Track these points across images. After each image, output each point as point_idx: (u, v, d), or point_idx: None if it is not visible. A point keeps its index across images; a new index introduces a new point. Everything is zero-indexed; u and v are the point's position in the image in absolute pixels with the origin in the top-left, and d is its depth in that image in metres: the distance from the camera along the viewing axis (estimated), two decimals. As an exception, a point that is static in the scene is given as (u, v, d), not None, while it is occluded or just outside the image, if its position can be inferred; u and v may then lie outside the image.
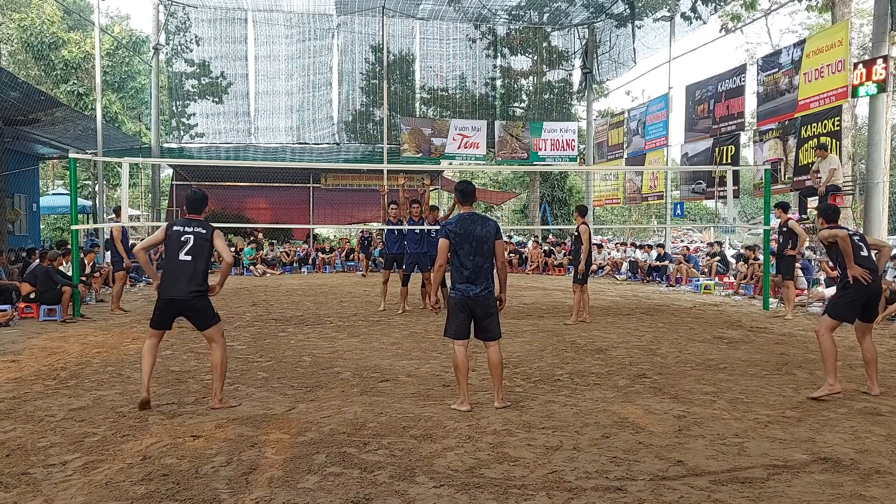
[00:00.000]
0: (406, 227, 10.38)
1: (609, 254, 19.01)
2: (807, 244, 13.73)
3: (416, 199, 10.60)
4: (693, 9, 18.21)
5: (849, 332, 8.53)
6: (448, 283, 5.52)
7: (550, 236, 24.61)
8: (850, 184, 13.16)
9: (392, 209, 10.43)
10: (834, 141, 12.63)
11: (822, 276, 11.91)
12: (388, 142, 20.98)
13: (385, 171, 20.08)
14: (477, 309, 4.82)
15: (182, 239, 4.80)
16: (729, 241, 25.33)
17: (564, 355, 6.89)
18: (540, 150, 22.86)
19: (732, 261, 15.70)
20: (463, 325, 4.86)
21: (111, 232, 10.64)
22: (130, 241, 11.54)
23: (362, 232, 20.12)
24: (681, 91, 18.47)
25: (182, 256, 4.75)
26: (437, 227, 10.61)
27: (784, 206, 10.56)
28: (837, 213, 5.77)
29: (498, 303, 4.93)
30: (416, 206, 10.44)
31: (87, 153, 15.98)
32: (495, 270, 4.94)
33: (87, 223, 20.20)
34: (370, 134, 22.78)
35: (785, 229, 10.21)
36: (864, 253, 5.39)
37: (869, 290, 5.31)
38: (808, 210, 13.23)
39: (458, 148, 22.15)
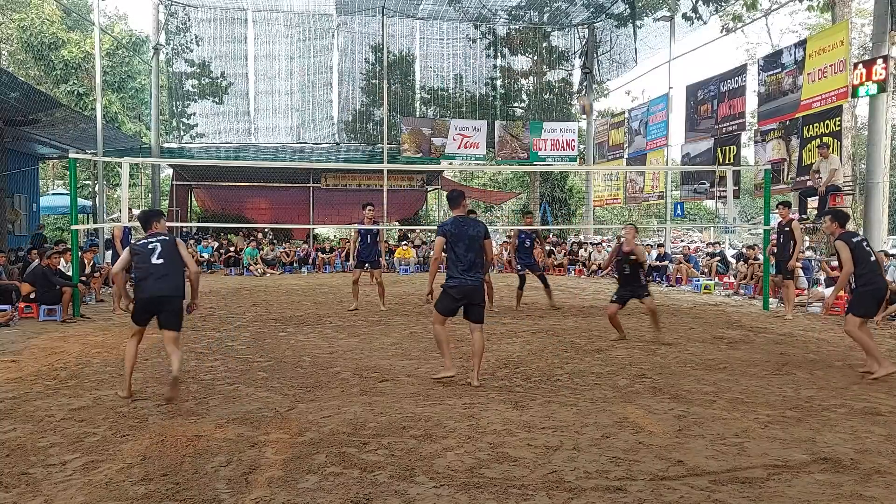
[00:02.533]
0: (372, 228, 10.35)
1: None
2: (806, 244, 13.74)
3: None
4: (694, 9, 18.21)
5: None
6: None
7: (551, 236, 24.60)
8: (850, 184, 13.15)
9: (369, 210, 10.36)
10: (834, 141, 12.63)
11: (822, 276, 11.90)
12: (388, 142, 20.99)
13: (385, 171, 20.10)
14: (473, 296, 5.58)
15: (150, 247, 5.08)
16: (729, 241, 25.34)
17: (564, 355, 6.89)
18: (540, 150, 22.85)
19: (732, 261, 15.70)
20: (453, 308, 5.63)
21: (112, 231, 10.62)
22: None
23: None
24: (681, 91, 18.50)
25: (154, 260, 5.02)
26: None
27: (788, 205, 10.49)
28: (847, 218, 6.25)
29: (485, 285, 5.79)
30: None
31: (87, 153, 15.99)
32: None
33: (87, 223, 20.20)
34: (370, 134, 22.78)
35: (787, 229, 10.11)
36: (873, 258, 5.83)
37: (884, 289, 5.91)
38: (808, 210, 13.23)
39: (458, 148, 22.14)
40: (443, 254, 5.64)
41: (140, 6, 62.25)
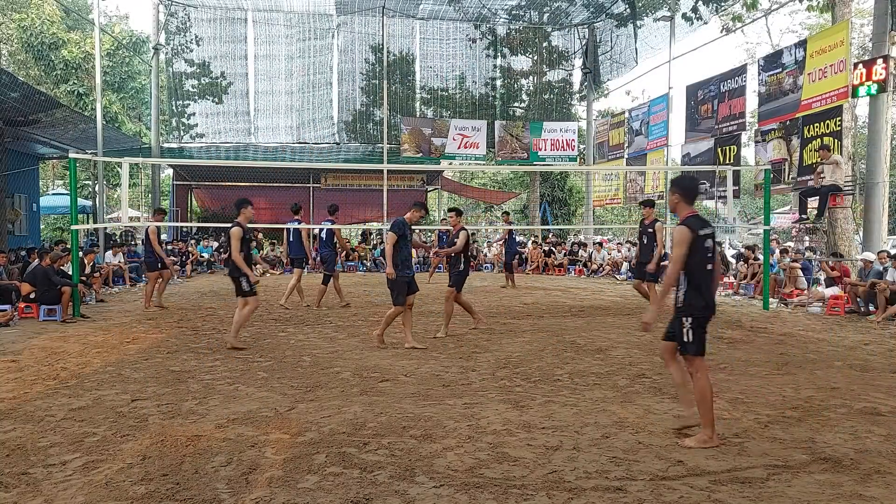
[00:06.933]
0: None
1: (609, 253, 19.00)
2: (806, 243, 13.70)
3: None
4: (694, 9, 18.19)
5: (848, 332, 8.57)
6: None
7: (550, 236, 24.61)
8: (851, 184, 13.15)
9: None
10: (835, 141, 12.63)
11: (822, 276, 11.90)
12: (388, 142, 20.98)
13: (385, 171, 20.10)
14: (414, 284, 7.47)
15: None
16: (729, 241, 25.29)
17: (564, 355, 6.89)
18: (540, 150, 22.85)
19: (732, 261, 15.69)
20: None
21: (146, 232, 10.70)
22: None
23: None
24: (681, 91, 18.49)
25: None
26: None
27: (651, 205, 9.88)
28: None
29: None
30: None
31: (87, 153, 15.98)
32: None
33: (87, 223, 20.20)
34: (370, 134, 22.77)
35: (651, 230, 9.48)
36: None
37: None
38: (809, 210, 13.22)
39: (458, 148, 22.14)
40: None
41: (140, 6, 62.33)
